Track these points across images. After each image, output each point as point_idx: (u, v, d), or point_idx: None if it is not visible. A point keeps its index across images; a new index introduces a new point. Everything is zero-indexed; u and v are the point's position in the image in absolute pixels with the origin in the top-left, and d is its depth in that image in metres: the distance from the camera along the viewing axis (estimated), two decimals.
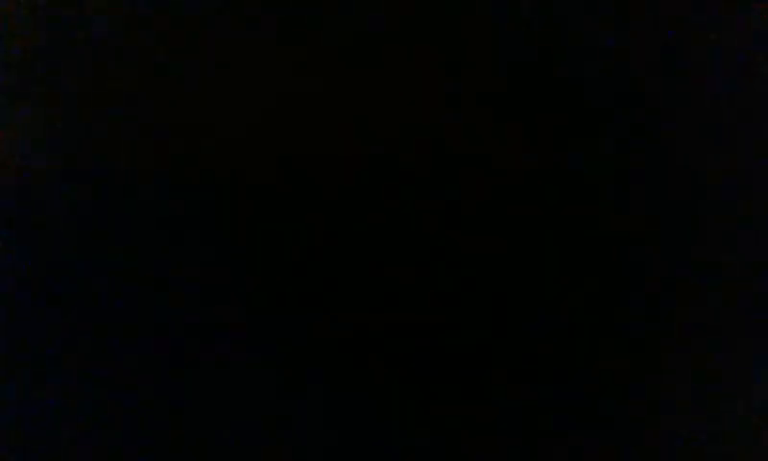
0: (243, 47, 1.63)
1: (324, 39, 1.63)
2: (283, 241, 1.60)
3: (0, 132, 1.61)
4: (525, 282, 1.60)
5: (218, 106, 1.62)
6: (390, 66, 1.62)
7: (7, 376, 1.58)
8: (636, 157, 1.62)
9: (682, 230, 1.61)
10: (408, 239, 1.60)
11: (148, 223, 1.60)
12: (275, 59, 1.62)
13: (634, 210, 1.61)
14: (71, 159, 1.61)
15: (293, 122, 1.62)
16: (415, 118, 1.62)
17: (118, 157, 1.61)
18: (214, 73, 1.62)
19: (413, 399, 1.58)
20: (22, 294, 1.59)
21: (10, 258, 1.59)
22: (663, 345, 1.59)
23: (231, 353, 1.58)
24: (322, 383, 1.57)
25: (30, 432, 1.57)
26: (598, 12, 1.63)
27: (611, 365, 1.58)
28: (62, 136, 1.62)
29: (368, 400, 1.57)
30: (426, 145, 1.62)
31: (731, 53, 1.63)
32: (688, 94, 1.63)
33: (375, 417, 1.57)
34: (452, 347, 1.58)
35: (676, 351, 1.59)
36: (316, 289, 1.59)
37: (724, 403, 1.58)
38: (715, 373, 1.58)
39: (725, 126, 1.62)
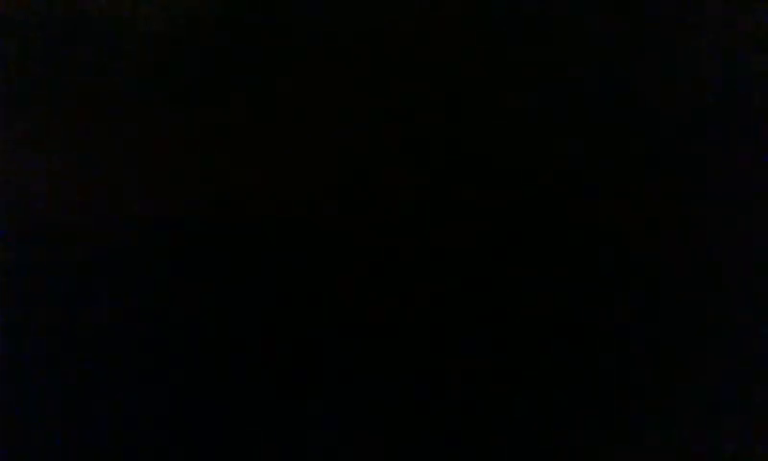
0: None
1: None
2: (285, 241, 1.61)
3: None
4: (525, 283, 1.60)
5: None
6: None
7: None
8: (634, 158, 1.62)
9: (681, 230, 1.61)
10: (407, 244, 1.61)
11: (149, 237, 1.61)
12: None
13: (633, 211, 1.61)
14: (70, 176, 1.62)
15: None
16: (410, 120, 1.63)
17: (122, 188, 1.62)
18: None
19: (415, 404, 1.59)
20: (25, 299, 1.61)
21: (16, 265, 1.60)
22: (663, 345, 1.59)
23: (236, 361, 1.59)
24: (322, 388, 1.59)
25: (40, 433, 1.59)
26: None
27: (610, 365, 1.59)
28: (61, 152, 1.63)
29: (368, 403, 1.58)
30: (423, 151, 1.62)
31: (731, 53, 1.64)
32: (688, 94, 1.63)
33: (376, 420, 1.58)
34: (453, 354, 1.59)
35: (676, 352, 1.59)
36: (315, 295, 1.60)
37: (724, 404, 1.58)
38: (715, 373, 1.59)
39: (725, 126, 1.63)
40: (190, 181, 1.62)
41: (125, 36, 1.63)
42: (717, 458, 1.57)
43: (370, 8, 1.64)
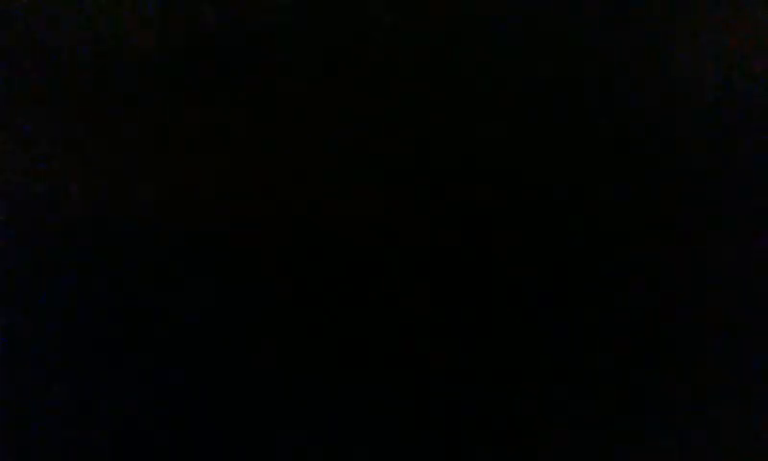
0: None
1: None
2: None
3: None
4: (525, 283, 1.60)
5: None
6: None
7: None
8: (634, 158, 1.62)
9: (681, 230, 1.61)
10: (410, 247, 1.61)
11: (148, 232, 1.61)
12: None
13: (633, 212, 1.61)
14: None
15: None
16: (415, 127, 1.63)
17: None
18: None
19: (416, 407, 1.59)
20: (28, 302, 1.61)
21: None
22: (663, 346, 1.59)
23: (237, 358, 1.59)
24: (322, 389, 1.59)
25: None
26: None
27: (610, 365, 1.59)
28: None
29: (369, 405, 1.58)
30: (425, 151, 1.63)
31: (731, 53, 1.64)
32: (688, 94, 1.63)
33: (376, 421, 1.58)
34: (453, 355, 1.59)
35: (676, 352, 1.59)
36: (316, 296, 1.60)
37: (724, 403, 1.58)
38: (715, 373, 1.59)
39: (724, 126, 1.63)
40: (190, 182, 1.62)
41: (125, 37, 1.63)
42: (717, 457, 1.57)
43: (370, 8, 1.64)
